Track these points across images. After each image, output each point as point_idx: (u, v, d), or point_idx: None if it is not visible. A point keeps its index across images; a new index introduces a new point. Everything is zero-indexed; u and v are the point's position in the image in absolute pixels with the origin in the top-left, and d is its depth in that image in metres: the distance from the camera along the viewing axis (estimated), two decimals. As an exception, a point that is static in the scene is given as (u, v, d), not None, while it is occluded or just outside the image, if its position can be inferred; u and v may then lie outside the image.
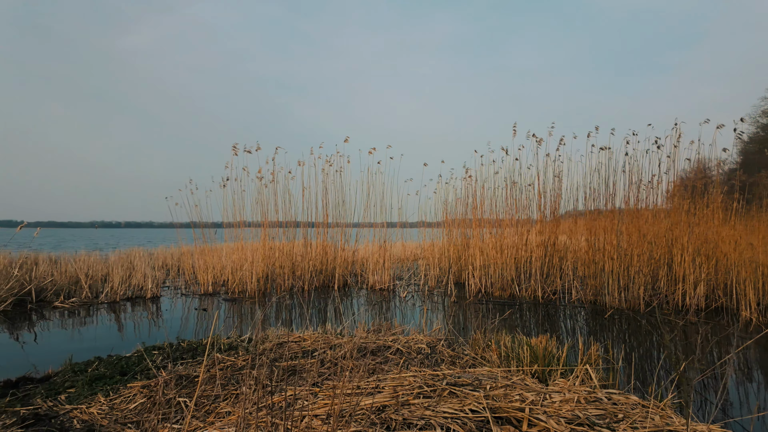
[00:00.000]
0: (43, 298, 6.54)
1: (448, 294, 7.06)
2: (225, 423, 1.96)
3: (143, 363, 3.20)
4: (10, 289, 6.18)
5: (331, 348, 3.17)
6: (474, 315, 5.55)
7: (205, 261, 7.87)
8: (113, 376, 2.95)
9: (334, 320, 5.29)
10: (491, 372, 2.68)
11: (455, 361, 3.06)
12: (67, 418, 2.34)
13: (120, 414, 2.37)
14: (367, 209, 8.40)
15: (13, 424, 2.15)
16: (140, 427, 2.20)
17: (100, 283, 7.22)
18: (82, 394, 2.66)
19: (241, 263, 7.58)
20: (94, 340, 4.51)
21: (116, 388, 2.72)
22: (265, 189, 8.09)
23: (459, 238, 8.16)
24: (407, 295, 7.07)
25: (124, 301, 6.74)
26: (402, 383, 2.23)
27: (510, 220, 7.55)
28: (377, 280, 7.81)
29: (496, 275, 7.11)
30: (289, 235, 8.24)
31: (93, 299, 6.61)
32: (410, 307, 6.16)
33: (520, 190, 7.50)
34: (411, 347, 3.21)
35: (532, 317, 5.52)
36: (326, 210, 8.36)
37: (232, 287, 7.49)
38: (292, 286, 7.90)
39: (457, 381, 2.36)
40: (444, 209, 8.61)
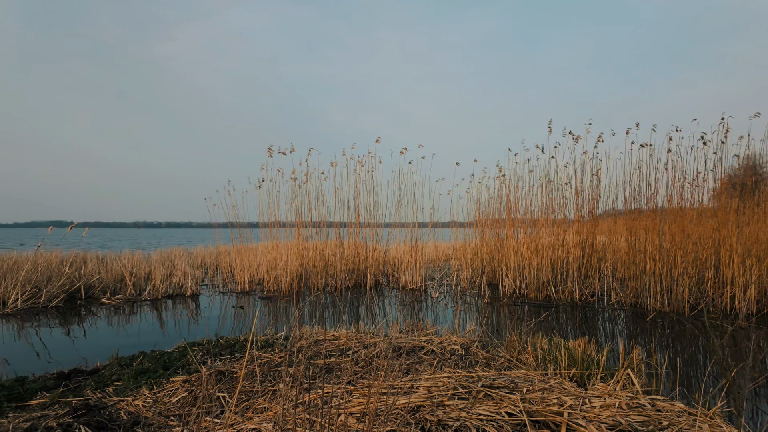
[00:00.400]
0: (91, 294, 6.89)
1: (482, 295, 6.97)
2: (263, 419, 2.00)
3: (184, 358, 3.31)
4: (62, 285, 6.54)
5: (365, 347, 3.19)
6: (508, 317, 5.46)
7: (241, 260, 8.09)
8: (156, 370, 3.07)
9: (367, 320, 5.32)
10: (527, 375, 2.63)
11: (490, 363, 3.02)
12: (115, 409, 2.45)
13: (163, 407, 2.46)
14: (398, 209, 8.41)
15: (66, 414, 2.27)
16: (182, 420, 2.29)
17: (143, 281, 7.53)
18: (128, 387, 2.79)
19: (276, 262, 7.74)
20: (137, 335, 4.71)
21: (159, 382, 2.83)
22: (299, 190, 8.23)
23: (492, 238, 8.04)
24: (439, 296, 7.03)
25: (166, 298, 7.01)
26: (436, 384, 2.22)
27: (545, 220, 7.38)
28: (409, 280, 7.80)
29: (531, 276, 6.97)
30: (322, 235, 8.35)
31: (137, 296, 6.91)
32: (442, 308, 6.12)
33: (556, 188, 7.32)
34: (444, 348, 3.19)
35: (568, 319, 5.38)
36: (358, 210, 8.42)
37: (268, 286, 7.65)
38: (325, 285, 7.99)
39: (493, 383, 2.33)
40: (476, 209, 8.51)
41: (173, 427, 2.20)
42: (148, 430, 2.20)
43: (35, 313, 5.80)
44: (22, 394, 2.74)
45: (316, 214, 8.32)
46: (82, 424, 2.10)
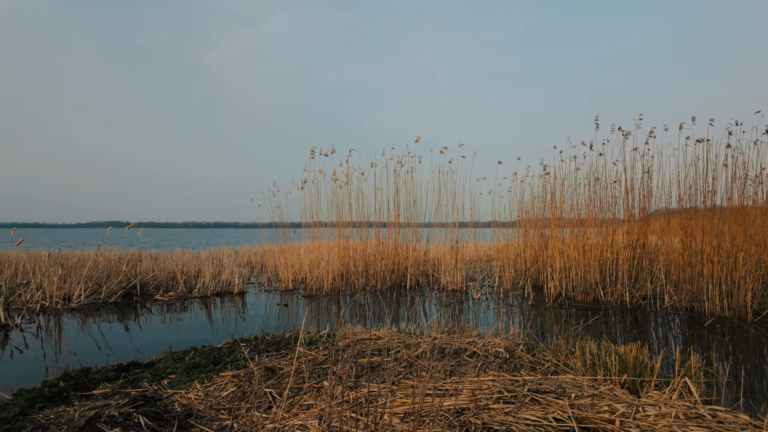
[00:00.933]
0: (146, 291, 7.27)
1: (525, 297, 6.81)
2: (308, 415, 2.04)
3: (233, 354, 3.44)
4: (120, 282, 6.94)
5: (407, 347, 3.19)
6: (554, 319, 5.30)
7: (285, 259, 8.29)
8: (207, 365, 3.20)
9: (408, 320, 5.32)
10: (576, 380, 2.54)
11: (535, 367, 2.95)
12: (169, 401, 2.58)
13: (214, 401, 2.56)
14: (438, 209, 8.36)
15: (126, 404, 2.41)
16: (232, 414, 2.37)
17: (193, 279, 7.87)
18: (181, 380, 2.92)
19: (318, 262, 7.88)
20: (188, 330, 4.92)
21: (210, 377, 2.95)
22: (340, 190, 8.34)
23: (536, 238, 7.83)
24: (481, 297, 6.93)
25: (214, 295, 7.30)
26: (480, 387, 2.19)
27: (593, 219, 7.10)
28: (449, 280, 7.73)
29: (578, 278, 6.74)
30: (363, 235, 8.42)
31: (187, 293, 7.23)
32: (484, 310, 6.02)
33: (603, 187, 7.04)
34: (488, 351, 3.14)
35: (618, 323, 5.16)
36: (398, 210, 8.43)
37: (310, 284, 7.81)
38: (366, 285, 8.06)
39: (539, 387, 2.27)
40: (519, 208, 8.31)
41: (223, 421, 2.29)
42: (200, 422, 2.30)
43: (96, 308, 6.19)
44: (87, 383, 2.93)
45: (356, 214, 8.41)
46: (140, 414, 2.22)
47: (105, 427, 2.04)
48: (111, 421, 2.11)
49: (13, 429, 2.27)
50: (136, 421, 2.15)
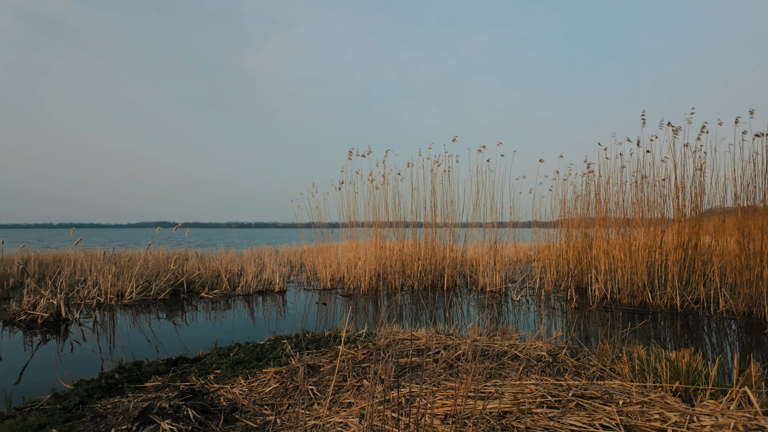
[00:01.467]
0: (192, 289, 7.57)
1: (568, 299, 6.60)
2: (349, 413, 2.07)
3: (275, 351, 3.52)
4: (168, 280, 7.26)
5: (446, 348, 3.17)
6: (598, 323, 5.11)
7: (323, 258, 8.42)
8: (250, 361, 3.30)
9: (445, 321, 5.28)
10: (623, 386, 2.44)
11: (580, 372, 2.86)
12: (215, 395, 2.67)
13: (257, 396, 2.64)
14: (476, 209, 8.24)
15: (176, 397, 2.51)
16: (275, 409, 2.43)
17: (236, 277, 8.13)
18: (227, 375, 3.02)
19: (355, 261, 7.95)
20: (232, 327, 5.09)
21: (253, 372, 3.03)
22: (376, 191, 8.38)
23: (579, 238, 7.59)
24: (521, 299, 6.78)
25: (256, 293, 7.51)
26: (523, 390, 2.15)
27: (640, 219, 6.80)
28: (488, 281, 7.61)
29: (624, 280, 6.47)
30: (399, 235, 8.42)
31: (231, 291, 7.48)
32: (524, 312, 5.89)
33: (651, 185, 6.73)
34: (530, 354, 3.07)
35: (668, 328, 4.92)
36: (434, 210, 8.38)
37: (348, 284, 7.89)
38: (402, 285, 8.06)
39: (584, 393, 2.20)
40: (561, 207, 8.08)
41: (267, 416, 2.35)
42: (244, 416, 2.37)
43: (146, 304, 6.50)
44: (139, 376, 3.09)
45: (392, 214, 8.42)
46: (189, 407, 2.31)
47: (157, 418, 2.14)
48: (162, 413, 2.21)
49: (74, 417, 2.42)
50: (185, 414, 2.25)
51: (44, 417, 2.38)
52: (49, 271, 8.05)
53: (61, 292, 5.93)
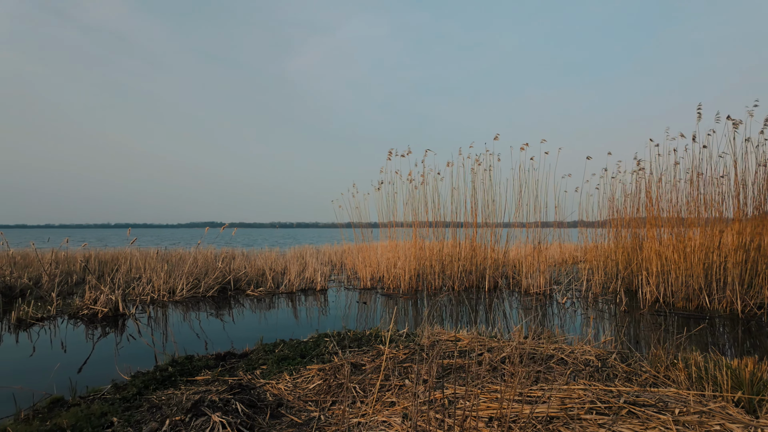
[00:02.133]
0: (239, 287, 7.84)
1: (617, 302, 6.33)
2: (392, 412, 2.08)
3: (318, 348, 3.59)
4: (216, 278, 7.55)
5: (489, 351, 3.12)
6: (650, 327, 4.87)
7: (363, 258, 8.49)
8: (295, 357, 3.37)
9: (487, 323, 5.19)
10: (679, 394, 2.32)
11: (631, 378, 2.73)
12: (262, 390, 2.76)
13: (302, 392, 2.70)
14: (518, 208, 8.05)
15: (225, 391, 2.61)
16: (319, 406, 2.48)
17: (279, 276, 8.35)
18: (272, 371, 3.11)
19: (395, 261, 7.97)
20: (276, 324, 5.22)
21: (297, 369, 3.10)
22: (416, 191, 8.36)
23: (629, 239, 7.27)
24: (567, 302, 6.56)
25: (299, 292, 7.68)
26: (570, 395, 2.08)
27: (695, 218, 6.43)
28: (531, 283, 7.42)
29: (678, 283, 6.13)
30: (439, 235, 8.36)
31: (275, 289, 7.68)
32: (570, 315, 5.70)
33: (708, 182, 6.34)
34: (577, 358, 2.97)
35: (728, 334, 4.62)
36: (475, 210, 8.26)
37: (388, 283, 7.92)
38: (442, 286, 8.00)
39: (637, 400, 2.11)
40: (609, 206, 7.77)
41: (311, 412, 2.40)
42: (290, 412, 2.43)
43: (196, 301, 6.79)
44: (191, 370, 3.23)
45: (432, 214, 8.38)
46: (237, 401, 2.39)
47: (208, 410, 2.23)
48: (212, 406, 2.30)
49: (133, 407, 2.56)
50: (233, 407, 2.33)
51: (106, 406, 2.53)
52: (107, 269, 8.56)
53: (119, 288, 6.29)
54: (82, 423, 2.28)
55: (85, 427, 2.24)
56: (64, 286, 7.42)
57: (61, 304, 5.93)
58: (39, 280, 7.45)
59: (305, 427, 2.22)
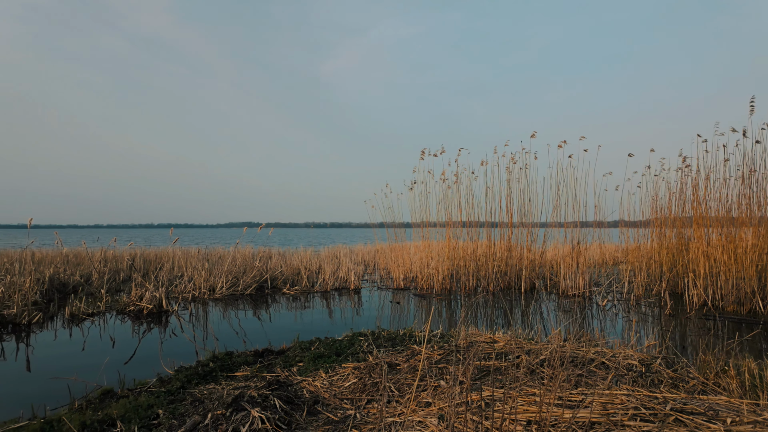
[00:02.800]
0: (275, 285, 8.02)
1: (661, 305, 6.07)
2: (427, 413, 2.07)
3: (353, 347, 3.62)
4: (254, 277, 7.76)
5: (527, 353, 3.06)
6: (698, 332, 4.65)
7: (396, 258, 8.50)
8: (330, 355, 3.42)
9: (523, 325, 5.09)
10: (731, 403, 2.20)
11: (677, 385, 2.62)
12: (299, 387, 2.81)
13: (337, 390, 2.73)
14: (556, 207, 7.85)
15: (263, 387, 2.68)
16: (354, 404, 2.50)
17: (314, 275, 8.48)
18: (308, 368, 3.16)
19: (428, 261, 7.93)
20: (311, 322, 5.31)
21: (333, 367, 3.15)
22: (449, 190, 8.29)
23: (673, 239, 6.95)
24: (607, 304, 6.35)
25: (333, 291, 7.78)
26: (613, 401, 2.01)
27: (747, 218, 6.08)
28: (569, 284, 7.22)
29: (728, 286, 5.81)
30: (473, 235, 8.26)
31: (310, 288, 7.81)
32: (611, 318, 5.51)
33: (762, 179, 5.98)
34: (619, 362, 2.87)
35: (785, 341, 4.35)
36: (510, 209, 8.12)
37: (421, 284, 7.89)
38: (477, 286, 7.90)
39: (684, 407, 2.02)
40: (652, 205, 7.46)
41: (347, 410, 2.43)
42: (326, 409, 2.46)
43: (235, 298, 6.99)
44: (230, 365, 3.33)
45: (465, 214, 8.28)
46: (275, 397, 2.45)
47: (247, 405, 2.29)
48: (252, 401, 2.36)
49: (177, 400, 2.66)
50: (272, 403, 2.38)
51: (152, 398, 2.65)
52: (151, 267, 8.94)
53: (162, 286, 6.56)
54: (130, 414, 2.39)
55: (133, 418, 2.35)
56: (112, 283, 7.80)
57: (109, 301, 6.24)
58: (89, 277, 7.86)
59: (341, 425, 2.24)
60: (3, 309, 5.22)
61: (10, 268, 6.96)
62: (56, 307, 6.00)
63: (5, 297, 5.49)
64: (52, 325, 5.09)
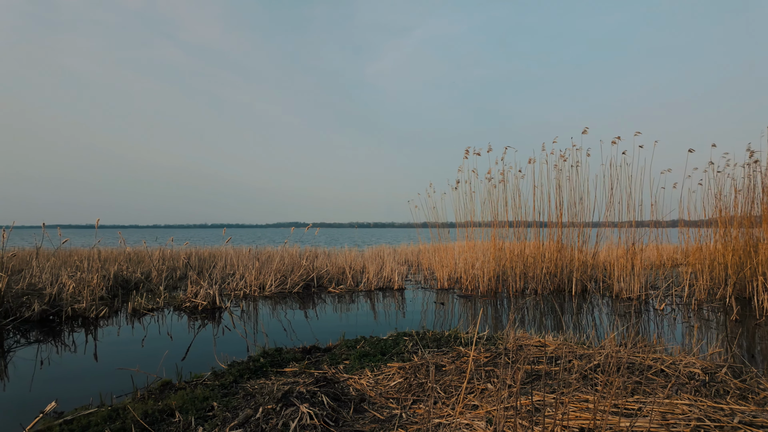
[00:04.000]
0: (321, 284, 8.19)
1: (726, 311, 5.67)
2: (474, 416, 2.05)
3: (398, 346, 3.64)
4: (301, 275, 7.95)
5: (578, 358, 2.95)
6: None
7: (439, 258, 8.44)
8: (376, 354, 3.45)
9: (574, 328, 4.91)
10: (809, 419, 2.03)
11: (746, 396, 2.44)
12: (345, 384, 2.85)
13: (383, 389, 2.75)
14: (609, 206, 7.51)
15: (311, 384, 2.74)
16: (399, 403, 2.51)
17: (359, 274, 8.58)
18: (354, 366, 3.21)
19: (473, 262, 7.82)
20: (356, 321, 5.38)
21: (378, 366, 3.17)
22: (494, 189, 8.13)
23: (740, 239, 6.48)
24: (665, 308, 6.01)
25: (377, 290, 7.84)
26: (673, 410, 1.91)
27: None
28: (624, 287, 6.89)
29: (804, 291, 5.35)
30: (520, 235, 8.06)
31: (354, 287, 7.91)
32: (669, 323, 5.21)
33: None
34: (680, 370, 2.71)
35: None
36: (560, 208, 7.85)
37: (465, 284, 7.79)
38: (524, 288, 7.70)
39: (754, 420, 1.88)
40: (716, 204, 6.98)
41: (392, 410, 2.44)
42: (372, 407, 2.49)
43: (283, 296, 7.20)
44: (280, 361, 3.43)
45: (512, 213, 8.09)
46: (323, 394, 2.51)
47: (296, 401, 2.36)
48: (300, 397, 2.42)
49: (230, 393, 2.78)
50: (320, 400, 2.44)
51: (207, 391, 2.78)
52: (206, 265, 9.37)
53: (216, 283, 6.85)
54: (188, 405, 2.52)
55: (190, 409, 2.48)
56: (169, 281, 8.24)
57: (167, 297, 6.60)
58: (149, 274, 8.35)
59: (387, 424, 2.26)
60: (74, 303, 5.64)
61: (80, 266, 7.51)
62: (120, 302, 6.42)
63: (76, 292, 5.93)
64: (117, 320, 5.45)
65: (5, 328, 4.90)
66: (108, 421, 2.34)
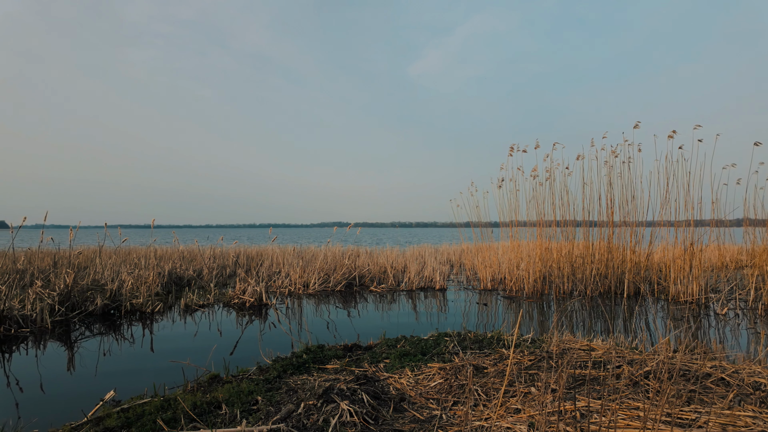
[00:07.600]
0: (363, 283, 8.26)
1: (799, 316, 5.22)
2: (516, 419, 1.99)
3: (438, 347, 3.61)
4: (343, 274, 8.06)
5: (629, 364, 2.81)
6: None
7: (482, 258, 8.29)
8: (416, 354, 3.44)
9: (625, 333, 4.68)
10: None
11: (821, 411, 2.23)
12: (385, 383, 2.86)
13: (423, 389, 2.74)
14: (665, 204, 7.09)
15: (352, 381, 2.77)
16: (440, 404, 2.49)
17: (400, 274, 8.59)
18: (395, 365, 3.21)
19: (518, 262, 7.62)
20: (397, 320, 5.38)
21: (418, 365, 3.16)
22: (540, 187, 7.89)
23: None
24: (728, 313, 5.61)
25: (418, 290, 7.81)
26: (734, 422, 1.77)
27: None
28: (681, 290, 6.49)
29: None
30: (568, 235, 7.77)
31: (396, 287, 7.93)
32: (732, 329, 4.86)
33: None
34: (743, 379, 2.52)
35: None
36: (611, 207, 7.50)
37: (509, 285, 7.62)
38: (572, 290, 7.43)
39: (830, 439, 1.71)
40: (787, 202, 6.44)
41: (432, 410, 2.42)
42: (412, 407, 2.48)
43: (326, 294, 7.32)
44: (322, 358, 3.49)
45: (559, 212, 7.82)
46: (363, 391, 2.52)
47: (337, 398, 2.39)
48: (341, 394, 2.45)
49: (273, 388, 2.86)
50: (360, 397, 2.46)
51: (252, 385, 2.87)
52: (253, 264, 9.70)
53: (262, 281, 7.07)
54: (234, 398, 2.62)
55: (236, 402, 2.57)
56: (219, 278, 8.60)
57: (217, 294, 6.88)
58: (200, 272, 8.74)
59: (427, 424, 2.24)
60: (132, 299, 6.00)
61: (137, 263, 7.97)
62: (173, 298, 6.76)
63: (134, 288, 6.30)
64: (170, 315, 5.74)
65: (72, 320, 5.28)
66: (160, 411, 2.46)
